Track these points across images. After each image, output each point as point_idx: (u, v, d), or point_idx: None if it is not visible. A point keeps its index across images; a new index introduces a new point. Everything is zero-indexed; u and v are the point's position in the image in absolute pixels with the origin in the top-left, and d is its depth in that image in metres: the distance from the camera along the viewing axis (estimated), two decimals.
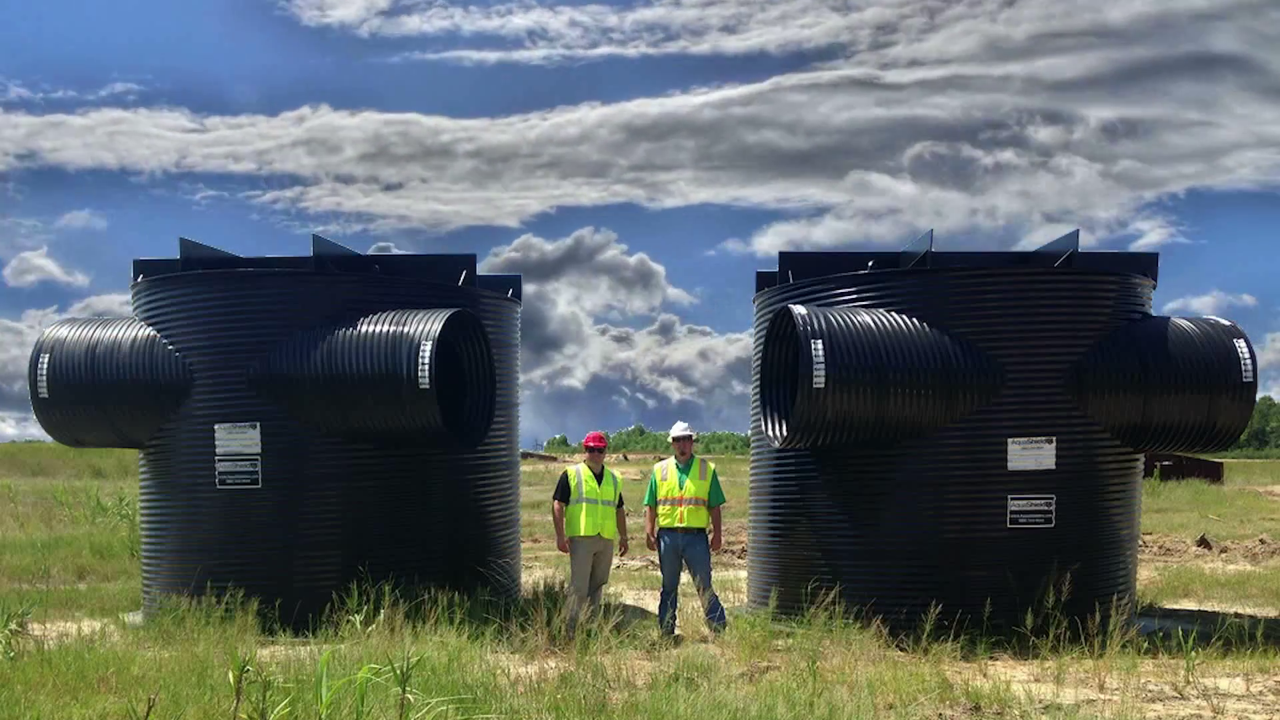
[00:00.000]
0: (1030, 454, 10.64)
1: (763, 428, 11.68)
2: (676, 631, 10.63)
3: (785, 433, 11.06)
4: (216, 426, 11.07)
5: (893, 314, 10.72)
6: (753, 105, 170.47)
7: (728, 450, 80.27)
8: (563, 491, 10.81)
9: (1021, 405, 10.64)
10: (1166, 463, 33.71)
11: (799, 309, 10.66)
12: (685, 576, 10.86)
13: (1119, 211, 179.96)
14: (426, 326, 10.59)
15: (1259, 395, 10.92)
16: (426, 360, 10.39)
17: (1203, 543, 18.81)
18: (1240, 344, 10.71)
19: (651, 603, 12.58)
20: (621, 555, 12.17)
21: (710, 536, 10.89)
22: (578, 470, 10.88)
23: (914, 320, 10.67)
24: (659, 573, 11.29)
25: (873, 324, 10.54)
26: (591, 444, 10.93)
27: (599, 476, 10.79)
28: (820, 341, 10.26)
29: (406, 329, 10.62)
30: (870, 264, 11.92)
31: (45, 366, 11.37)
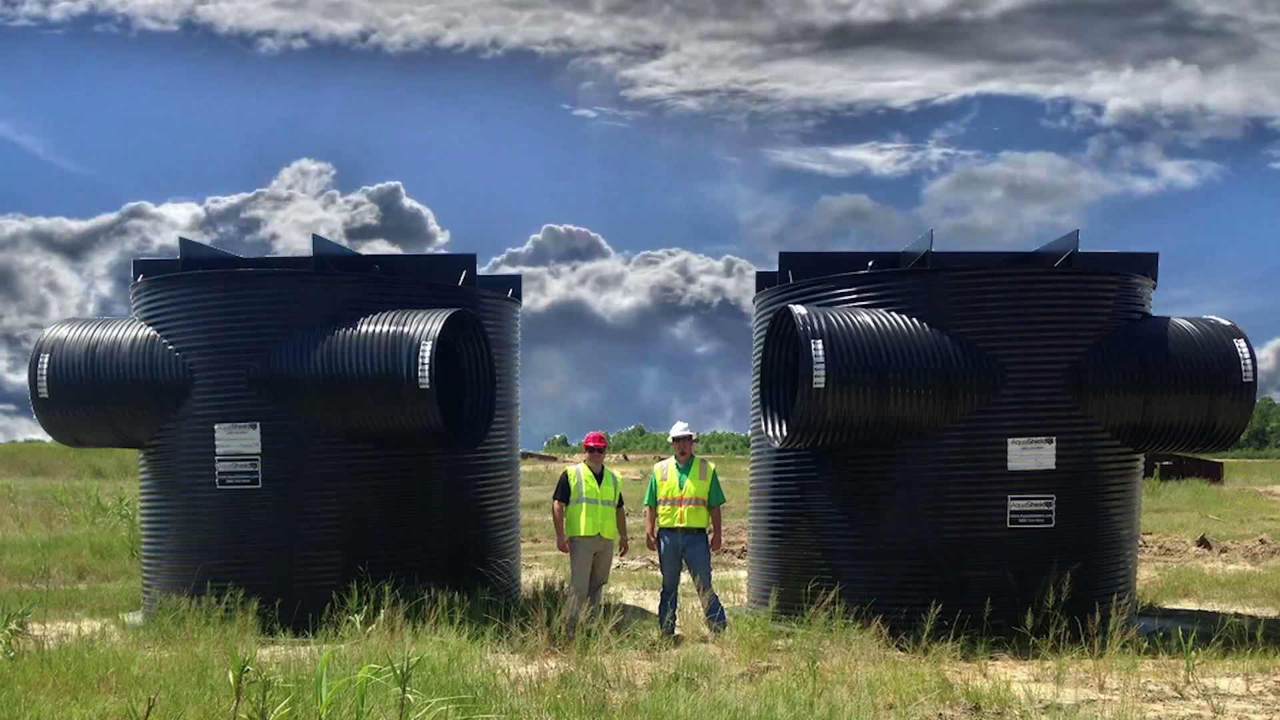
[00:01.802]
0: (1030, 454, 10.64)
1: (763, 428, 11.68)
2: (676, 631, 10.63)
3: (785, 433, 11.06)
4: (216, 426, 11.07)
5: (893, 314, 10.72)
6: None
7: (728, 450, 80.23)
8: (563, 491, 10.81)
9: (1021, 405, 10.64)
10: (1166, 463, 33.66)
11: (799, 309, 10.67)
12: (685, 576, 10.87)
13: None
14: (426, 326, 10.60)
15: None
16: (426, 360, 10.39)
17: (1203, 543, 18.80)
18: (1240, 344, 10.72)
19: (651, 603, 12.58)
20: (621, 555, 12.17)
21: (710, 536, 10.89)
22: (578, 470, 10.88)
23: (914, 320, 10.67)
24: (659, 573, 11.29)
25: (873, 324, 10.54)
26: (591, 444, 10.94)
27: (599, 476, 10.79)
28: (820, 341, 10.26)
29: (406, 329, 10.62)
30: (870, 264, 11.93)
31: (45, 366, 11.36)
